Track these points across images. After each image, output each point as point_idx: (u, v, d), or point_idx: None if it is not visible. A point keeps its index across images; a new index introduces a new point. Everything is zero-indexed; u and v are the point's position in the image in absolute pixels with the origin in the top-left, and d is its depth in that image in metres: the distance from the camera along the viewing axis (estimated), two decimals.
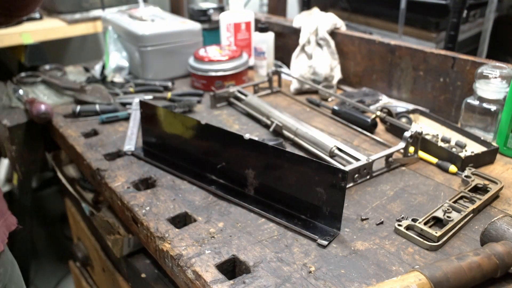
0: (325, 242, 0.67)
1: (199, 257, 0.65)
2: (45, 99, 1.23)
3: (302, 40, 1.30)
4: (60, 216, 2.12)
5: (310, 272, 0.62)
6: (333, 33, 1.32)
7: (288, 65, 1.42)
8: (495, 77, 0.94)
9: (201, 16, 1.51)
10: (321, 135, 0.94)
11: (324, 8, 1.44)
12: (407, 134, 0.88)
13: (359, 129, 1.05)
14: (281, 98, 1.26)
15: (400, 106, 1.15)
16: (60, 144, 1.14)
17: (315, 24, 1.30)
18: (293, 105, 1.21)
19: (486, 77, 0.95)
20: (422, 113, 1.06)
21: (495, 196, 0.79)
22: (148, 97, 1.24)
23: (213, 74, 1.26)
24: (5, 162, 1.83)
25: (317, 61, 1.27)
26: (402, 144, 0.89)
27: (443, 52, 1.09)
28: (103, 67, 1.39)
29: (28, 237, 1.74)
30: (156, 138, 0.95)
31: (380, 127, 1.07)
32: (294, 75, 1.27)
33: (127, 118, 1.12)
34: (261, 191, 0.78)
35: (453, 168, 0.86)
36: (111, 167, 0.90)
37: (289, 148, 0.97)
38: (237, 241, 0.69)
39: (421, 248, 0.67)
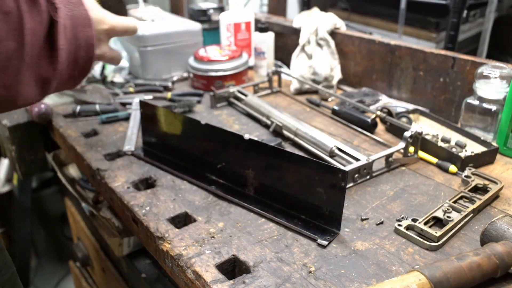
0: (325, 242, 0.67)
1: (199, 257, 0.65)
2: (45, 99, 1.23)
3: (302, 40, 1.30)
4: (60, 216, 2.12)
5: (310, 272, 0.62)
6: (333, 33, 1.32)
7: (288, 65, 1.42)
8: (495, 77, 0.94)
9: (201, 16, 1.51)
10: (321, 135, 0.94)
11: (324, 8, 1.44)
12: (407, 134, 0.88)
13: (359, 129, 1.05)
14: (281, 98, 1.26)
15: (400, 106, 1.15)
16: (60, 144, 1.14)
17: (315, 24, 1.30)
18: (293, 105, 1.21)
19: (486, 77, 0.95)
20: (422, 113, 1.06)
21: (495, 196, 0.79)
22: (148, 97, 1.24)
23: (213, 74, 1.26)
24: (5, 162, 1.83)
25: (317, 61, 1.27)
26: (402, 144, 0.89)
27: (443, 52, 1.09)
28: (103, 67, 1.39)
29: (28, 237, 1.74)
30: (156, 138, 0.95)
31: (380, 127, 1.07)
32: (294, 75, 1.27)
33: (127, 118, 1.12)
34: (261, 191, 0.78)
35: (453, 168, 0.86)
36: (111, 167, 0.90)
37: (289, 148, 0.97)
38: (237, 241, 0.69)
39: (421, 248, 0.67)
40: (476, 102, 0.97)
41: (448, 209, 0.72)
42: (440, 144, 0.91)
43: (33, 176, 1.84)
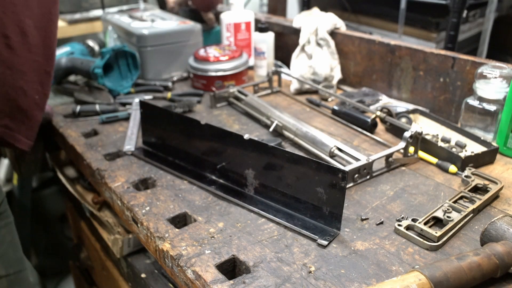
0: (325, 242, 0.67)
1: (199, 257, 0.65)
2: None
3: (302, 40, 1.30)
4: (60, 216, 2.12)
5: (310, 272, 0.62)
6: (333, 33, 1.32)
7: (288, 65, 1.42)
8: (495, 77, 0.93)
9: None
10: (321, 135, 0.94)
11: (324, 8, 1.44)
12: (407, 134, 0.88)
13: (359, 129, 1.05)
14: (281, 98, 1.26)
15: (400, 106, 1.15)
16: (60, 144, 1.14)
17: (315, 24, 1.30)
18: (293, 105, 1.21)
19: (486, 77, 0.95)
20: (422, 113, 1.06)
21: (495, 196, 0.79)
22: (148, 97, 1.24)
23: (213, 74, 1.26)
24: (5, 162, 1.83)
25: (317, 61, 1.27)
26: (402, 144, 0.89)
27: (443, 52, 1.09)
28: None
29: (28, 237, 1.74)
30: (156, 138, 0.95)
31: (380, 127, 1.07)
32: (294, 75, 1.27)
33: (127, 118, 1.12)
34: (261, 191, 0.78)
35: (453, 168, 0.86)
36: (111, 167, 0.90)
37: (289, 148, 0.97)
38: (237, 241, 0.69)
39: (421, 248, 0.67)
40: (476, 102, 0.97)
41: (448, 209, 0.72)
42: (440, 144, 0.91)
43: (33, 176, 1.84)
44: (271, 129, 1.02)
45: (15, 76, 0.84)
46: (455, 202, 0.76)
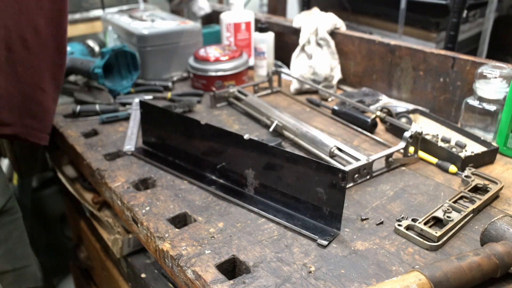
0: (325, 242, 0.67)
1: (199, 257, 0.65)
2: None
3: (302, 40, 1.30)
4: (60, 216, 2.12)
5: (310, 272, 0.62)
6: (333, 33, 1.32)
7: (288, 65, 1.42)
8: (495, 77, 0.94)
9: None
10: (321, 135, 0.94)
11: (324, 8, 1.44)
12: (407, 134, 0.88)
13: (359, 129, 1.05)
14: (281, 98, 1.26)
15: (400, 106, 1.15)
16: (60, 144, 1.14)
17: (315, 24, 1.30)
18: (293, 105, 1.21)
19: (486, 77, 0.95)
20: (422, 113, 1.06)
21: (495, 196, 0.79)
22: (148, 97, 1.24)
23: (213, 74, 1.26)
24: (5, 162, 1.83)
25: (317, 61, 1.27)
26: (402, 144, 0.89)
27: (443, 52, 1.09)
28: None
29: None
30: (156, 138, 0.95)
31: (380, 127, 1.07)
32: (294, 75, 1.27)
33: (127, 118, 1.12)
34: (261, 191, 0.78)
35: (453, 168, 0.86)
36: (111, 167, 0.90)
37: (289, 148, 0.97)
38: (237, 241, 0.69)
39: (421, 248, 0.67)
40: (476, 102, 0.97)
41: (448, 209, 0.72)
42: (440, 144, 0.91)
43: (33, 176, 1.84)
44: (271, 129, 1.02)
45: (34, 75, 0.86)
46: (455, 202, 0.76)
